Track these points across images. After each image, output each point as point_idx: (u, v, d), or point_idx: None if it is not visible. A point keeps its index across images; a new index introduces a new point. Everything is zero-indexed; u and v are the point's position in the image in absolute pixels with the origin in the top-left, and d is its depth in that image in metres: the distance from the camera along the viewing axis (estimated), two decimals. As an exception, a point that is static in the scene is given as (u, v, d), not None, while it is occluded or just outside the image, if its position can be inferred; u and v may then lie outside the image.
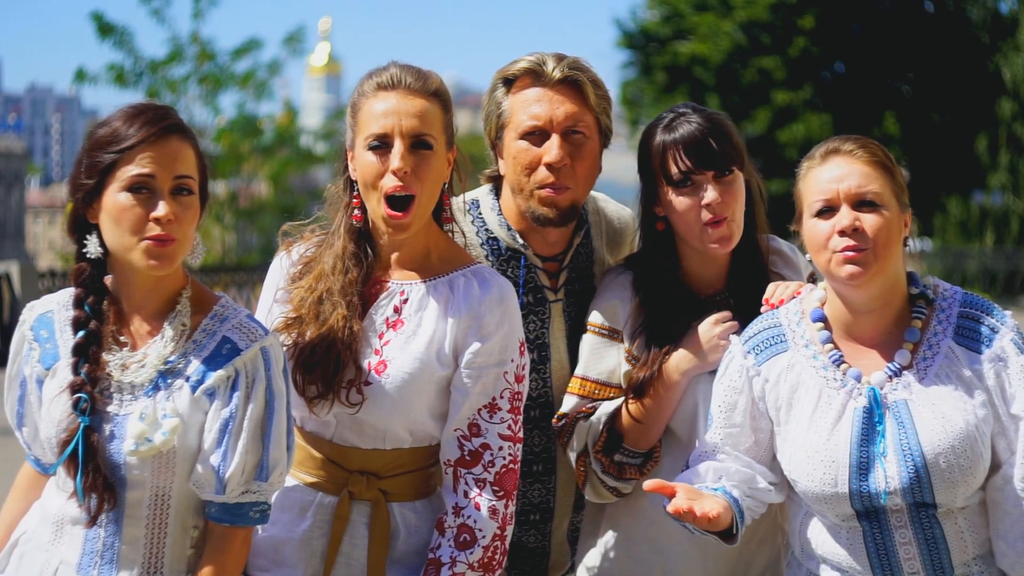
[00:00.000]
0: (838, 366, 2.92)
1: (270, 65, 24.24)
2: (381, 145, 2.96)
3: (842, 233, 2.83)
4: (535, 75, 3.31)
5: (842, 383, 2.90)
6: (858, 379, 2.89)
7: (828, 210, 2.87)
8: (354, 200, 3.05)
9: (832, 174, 2.88)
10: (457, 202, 3.32)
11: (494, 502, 2.95)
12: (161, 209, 2.69)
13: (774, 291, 3.21)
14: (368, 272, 3.06)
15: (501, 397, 2.98)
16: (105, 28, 22.53)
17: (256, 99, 24.55)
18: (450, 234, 3.15)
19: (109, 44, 22.65)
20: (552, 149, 3.27)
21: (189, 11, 23.06)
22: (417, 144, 2.95)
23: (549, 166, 3.27)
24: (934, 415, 2.83)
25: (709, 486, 2.97)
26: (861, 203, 2.85)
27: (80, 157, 2.78)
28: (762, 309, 3.16)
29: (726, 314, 3.24)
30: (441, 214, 3.10)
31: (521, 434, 3.02)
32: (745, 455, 3.02)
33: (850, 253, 2.83)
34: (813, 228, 2.89)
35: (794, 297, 3.11)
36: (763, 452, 3.02)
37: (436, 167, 2.98)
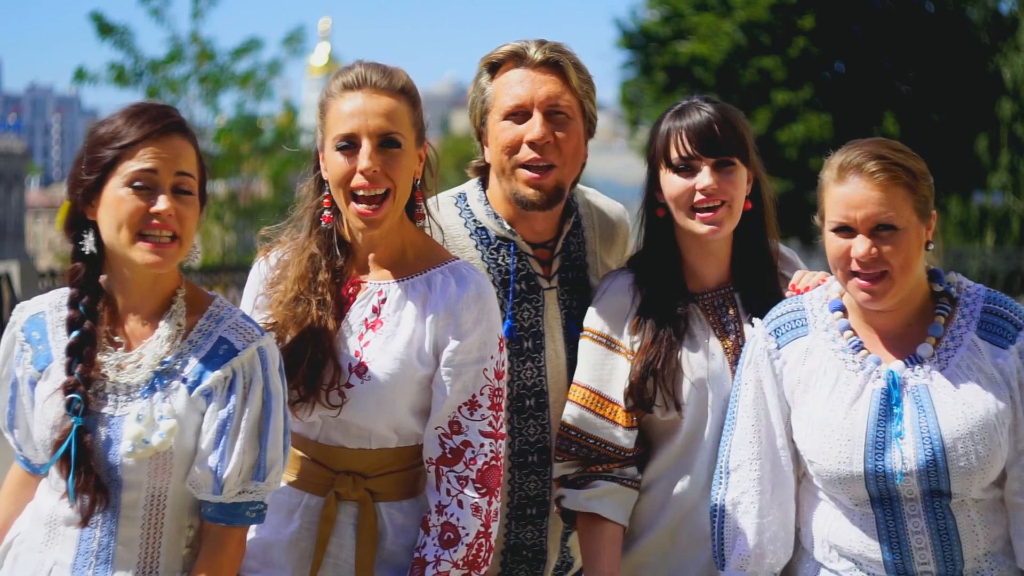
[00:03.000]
0: (857, 351, 2.94)
1: (270, 65, 24.22)
2: (349, 145, 2.96)
3: (858, 260, 2.85)
4: (517, 58, 3.35)
5: (861, 366, 2.93)
6: (877, 364, 2.92)
7: (845, 229, 2.88)
8: (324, 200, 3.05)
9: (850, 197, 2.87)
10: (440, 198, 3.32)
11: (477, 499, 2.95)
12: (161, 204, 2.70)
13: (800, 278, 3.26)
14: (340, 272, 3.05)
15: (481, 394, 2.98)
16: (105, 28, 22.51)
17: (256, 99, 24.55)
18: (427, 230, 3.15)
19: (109, 44, 22.64)
20: (534, 127, 3.29)
21: (189, 11, 23.02)
22: (385, 143, 2.96)
23: (532, 144, 3.29)
24: (955, 400, 2.86)
25: None
26: (879, 227, 2.86)
27: (81, 155, 2.78)
28: (787, 294, 3.22)
29: None
30: (414, 210, 3.11)
31: (503, 430, 3.03)
32: (778, 465, 3.03)
33: (865, 281, 2.86)
34: (832, 242, 2.92)
35: (819, 284, 3.15)
36: (790, 437, 3.05)
37: (405, 164, 2.99)
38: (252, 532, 3.04)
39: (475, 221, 3.43)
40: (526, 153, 3.31)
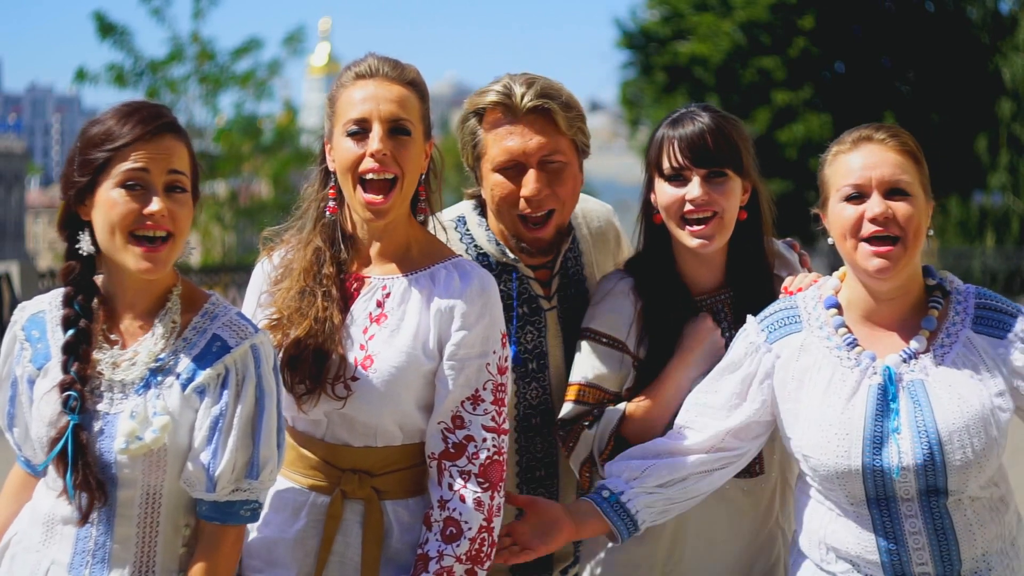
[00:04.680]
0: (852, 348, 2.95)
1: (270, 65, 24.27)
2: (359, 131, 2.97)
3: (873, 220, 2.86)
4: (505, 108, 3.29)
5: (856, 362, 2.94)
6: (872, 360, 2.93)
7: (858, 196, 2.89)
8: (330, 191, 3.06)
9: (864, 161, 2.90)
10: (440, 218, 3.33)
11: (479, 494, 2.95)
12: (154, 204, 2.69)
13: (792, 281, 3.26)
14: (345, 265, 3.06)
15: (484, 388, 2.98)
16: (105, 28, 22.55)
17: (256, 99, 24.59)
18: (432, 231, 3.15)
19: (109, 44, 22.67)
20: (529, 183, 3.27)
21: (189, 11, 23.14)
22: (395, 130, 2.97)
23: (528, 199, 3.28)
24: (951, 396, 2.87)
25: (611, 488, 3.12)
26: (892, 191, 2.88)
27: (72, 155, 2.77)
28: (780, 295, 3.21)
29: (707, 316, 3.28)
30: (418, 205, 3.11)
31: (506, 425, 3.03)
32: (708, 428, 3.09)
33: (880, 247, 2.86)
34: (840, 213, 2.92)
35: (812, 285, 3.16)
36: (733, 426, 3.08)
37: (414, 153, 3.00)
38: (256, 531, 3.05)
39: (476, 247, 3.43)
40: (523, 206, 3.30)
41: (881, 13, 30.44)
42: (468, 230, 3.46)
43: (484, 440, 2.97)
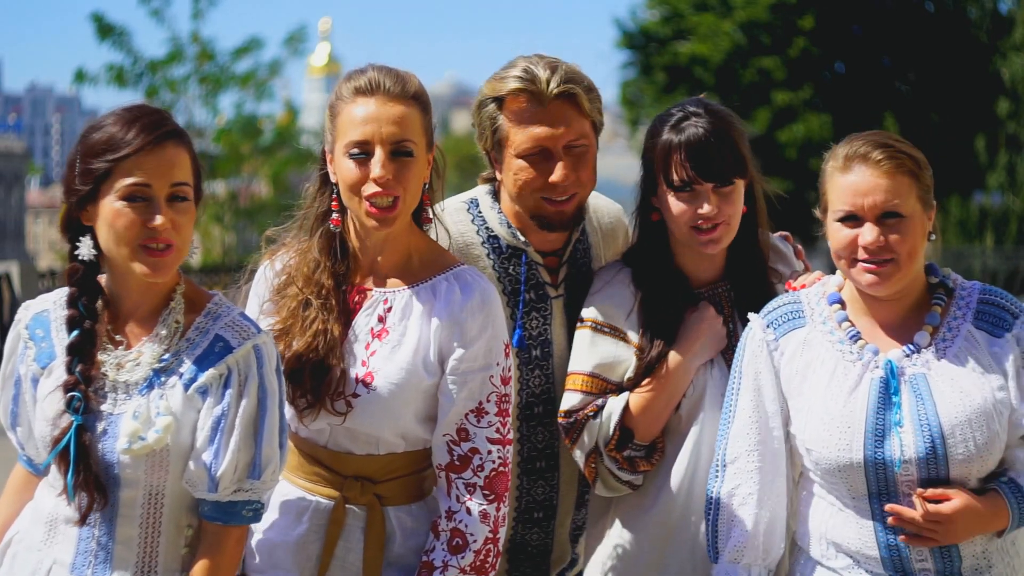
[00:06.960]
0: (854, 342, 2.95)
1: (270, 65, 24.26)
2: (362, 153, 2.95)
3: (865, 248, 2.86)
4: (529, 94, 3.26)
5: (858, 356, 2.95)
6: (875, 353, 2.93)
7: (852, 218, 2.89)
8: (332, 203, 3.05)
9: (857, 185, 2.88)
10: (449, 203, 3.31)
11: (485, 506, 2.96)
12: (158, 220, 2.69)
13: (796, 279, 3.29)
14: (346, 277, 3.06)
15: (488, 401, 2.98)
16: (105, 29, 22.54)
17: (256, 99, 24.58)
18: (433, 234, 3.14)
19: (109, 44, 22.67)
20: (558, 172, 3.26)
21: (189, 11, 23.07)
22: (397, 152, 2.95)
23: (555, 186, 3.27)
24: (953, 389, 2.88)
25: None
26: (886, 215, 2.87)
27: (73, 159, 2.76)
28: (783, 291, 3.23)
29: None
30: (421, 215, 3.10)
31: (510, 436, 3.03)
32: (776, 457, 3.03)
33: (873, 266, 2.87)
34: (837, 232, 2.92)
35: (815, 282, 3.17)
36: (786, 431, 3.04)
37: (416, 171, 2.98)
38: (259, 533, 3.06)
39: (487, 229, 3.43)
40: (548, 191, 3.29)
41: (881, 13, 30.44)
42: (480, 212, 3.45)
43: (489, 452, 2.98)
